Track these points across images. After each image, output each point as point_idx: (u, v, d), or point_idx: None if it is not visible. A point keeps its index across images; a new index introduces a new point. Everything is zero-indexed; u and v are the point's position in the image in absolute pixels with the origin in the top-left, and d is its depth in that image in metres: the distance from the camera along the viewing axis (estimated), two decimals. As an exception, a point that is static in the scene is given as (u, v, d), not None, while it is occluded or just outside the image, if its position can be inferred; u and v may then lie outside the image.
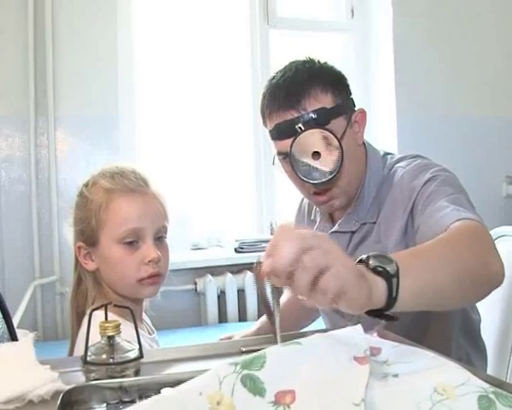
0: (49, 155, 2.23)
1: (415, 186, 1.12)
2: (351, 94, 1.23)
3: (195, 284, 2.39)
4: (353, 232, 1.24)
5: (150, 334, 1.16)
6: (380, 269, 0.72)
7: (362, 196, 1.23)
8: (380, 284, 0.71)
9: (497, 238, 1.57)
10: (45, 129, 2.23)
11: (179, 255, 2.35)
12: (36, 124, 2.21)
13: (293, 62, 1.21)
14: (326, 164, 1.11)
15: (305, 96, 1.13)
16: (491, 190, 2.76)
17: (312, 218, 1.37)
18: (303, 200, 1.45)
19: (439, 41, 2.71)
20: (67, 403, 0.64)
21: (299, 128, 1.12)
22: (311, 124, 1.11)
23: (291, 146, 1.12)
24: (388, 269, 0.72)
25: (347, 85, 1.22)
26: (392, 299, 0.72)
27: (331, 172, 1.12)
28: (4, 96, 2.20)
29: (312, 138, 1.11)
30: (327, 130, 1.11)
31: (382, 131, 2.56)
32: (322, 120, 1.12)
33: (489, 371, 1.33)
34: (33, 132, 2.20)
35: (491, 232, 1.58)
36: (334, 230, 1.27)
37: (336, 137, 1.11)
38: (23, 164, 2.21)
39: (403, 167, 1.19)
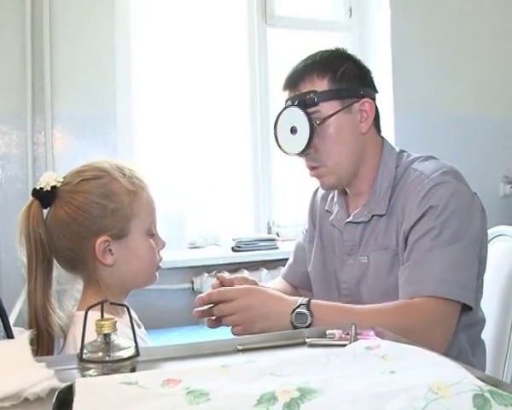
0: (47, 153, 2.22)
1: (421, 208, 1.17)
2: (364, 84, 1.30)
3: (192, 282, 2.39)
4: (366, 223, 1.29)
5: (139, 327, 1.16)
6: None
7: (374, 189, 1.29)
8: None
9: (493, 238, 1.58)
10: (42, 127, 2.23)
11: (176, 254, 2.35)
12: (33, 122, 2.21)
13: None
14: (300, 139, 1.22)
15: (301, 80, 1.26)
16: (489, 189, 2.76)
17: (327, 208, 1.43)
18: (316, 193, 1.52)
19: (436, 40, 2.72)
20: (63, 401, 0.63)
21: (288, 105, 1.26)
22: (300, 103, 1.23)
23: (276, 119, 1.27)
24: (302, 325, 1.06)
25: (356, 74, 1.30)
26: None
27: (301, 147, 1.23)
28: (1, 94, 2.20)
29: (291, 115, 1.23)
30: (303, 110, 1.22)
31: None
32: (311, 101, 1.24)
33: (485, 371, 1.33)
34: (30, 130, 2.20)
35: (488, 232, 1.59)
36: (348, 220, 1.34)
37: (309, 117, 1.21)
38: (20, 162, 2.21)
39: (420, 172, 1.23)
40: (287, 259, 2.30)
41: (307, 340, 0.83)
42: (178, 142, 2.59)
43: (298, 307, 1.08)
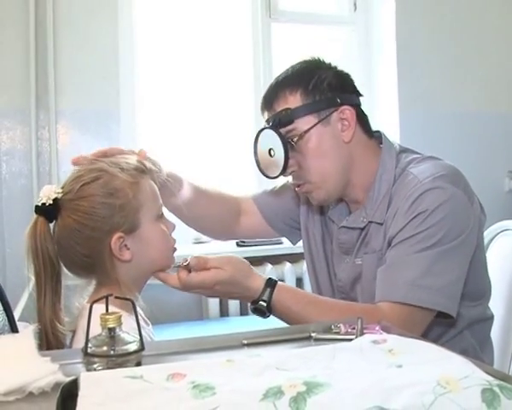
0: (51, 148, 2.22)
1: (408, 215, 1.13)
2: (341, 90, 1.23)
3: (197, 277, 2.38)
4: (362, 229, 1.25)
5: (148, 325, 1.15)
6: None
7: (371, 194, 1.23)
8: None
9: (498, 233, 1.57)
10: (46, 122, 2.23)
11: (181, 249, 2.34)
12: (37, 117, 2.21)
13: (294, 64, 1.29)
14: (278, 161, 1.19)
15: (275, 99, 1.23)
16: (494, 184, 2.76)
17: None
18: None
19: (442, 36, 2.70)
20: (67, 395, 0.63)
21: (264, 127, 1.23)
22: (276, 123, 1.20)
23: (254, 144, 1.24)
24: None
25: (331, 83, 1.22)
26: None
27: (279, 170, 1.20)
28: (5, 90, 2.20)
29: (267, 137, 1.20)
30: (276, 131, 1.18)
31: (384, 125, 2.56)
32: (286, 119, 1.20)
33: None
34: (34, 126, 2.20)
35: (493, 227, 1.59)
36: (342, 224, 1.29)
37: (282, 137, 1.17)
38: (24, 157, 2.21)
39: (414, 176, 1.18)
40: (291, 254, 2.30)
41: (313, 334, 0.83)
42: (182, 137, 2.58)
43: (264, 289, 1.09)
